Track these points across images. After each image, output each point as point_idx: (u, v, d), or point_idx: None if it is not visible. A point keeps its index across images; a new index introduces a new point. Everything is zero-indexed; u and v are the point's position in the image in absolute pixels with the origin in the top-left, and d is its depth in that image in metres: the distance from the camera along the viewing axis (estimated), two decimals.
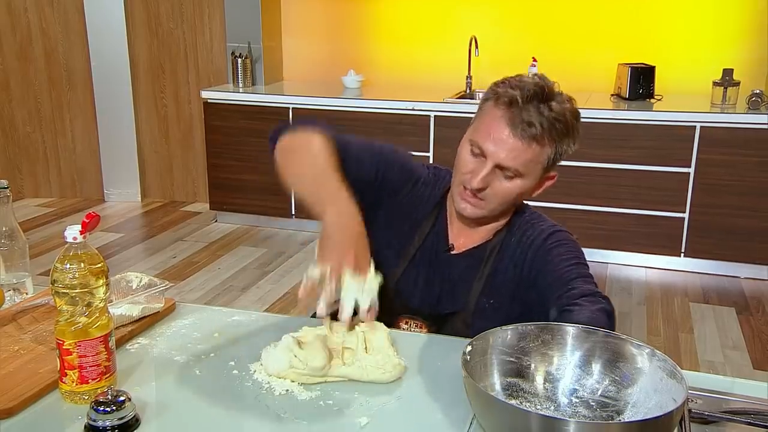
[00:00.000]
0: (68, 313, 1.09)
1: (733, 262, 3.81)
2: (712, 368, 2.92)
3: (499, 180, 1.37)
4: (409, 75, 4.55)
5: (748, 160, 3.62)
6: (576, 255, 1.41)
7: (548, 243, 1.42)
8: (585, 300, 1.27)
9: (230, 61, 4.57)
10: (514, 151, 1.33)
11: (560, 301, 1.30)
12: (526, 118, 1.32)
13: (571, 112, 1.37)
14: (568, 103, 1.38)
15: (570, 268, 1.37)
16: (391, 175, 1.51)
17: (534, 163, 1.36)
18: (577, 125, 1.39)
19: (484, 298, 1.46)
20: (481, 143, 1.35)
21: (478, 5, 4.41)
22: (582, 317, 1.20)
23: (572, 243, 1.44)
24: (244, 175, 4.44)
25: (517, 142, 1.33)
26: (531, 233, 1.45)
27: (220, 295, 3.58)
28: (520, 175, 1.36)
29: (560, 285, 1.34)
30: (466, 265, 1.48)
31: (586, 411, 1.10)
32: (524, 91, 1.33)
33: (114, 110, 4.96)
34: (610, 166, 3.80)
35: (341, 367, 1.19)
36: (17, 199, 4.95)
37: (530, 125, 1.32)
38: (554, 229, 1.46)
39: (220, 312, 1.49)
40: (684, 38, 4.14)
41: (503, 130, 1.33)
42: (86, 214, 1.12)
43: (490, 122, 1.35)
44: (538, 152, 1.35)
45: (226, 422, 1.09)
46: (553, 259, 1.39)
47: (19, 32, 4.87)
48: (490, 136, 1.34)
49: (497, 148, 1.34)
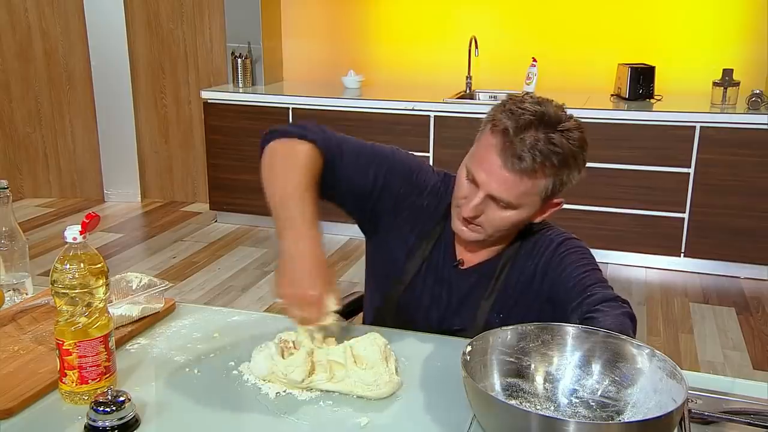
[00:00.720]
0: (68, 313, 1.09)
1: (733, 262, 3.81)
2: (712, 368, 2.92)
3: (493, 209, 1.31)
4: (408, 75, 4.55)
5: (748, 161, 3.62)
6: (589, 261, 1.37)
7: (560, 252, 1.38)
8: (606, 305, 1.24)
9: (230, 61, 4.57)
10: (505, 184, 1.27)
11: (581, 308, 1.26)
12: (517, 151, 1.24)
13: (575, 141, 1.27)
14: (575, 131, 1.28)
15: (586, 275, 1.33)
16: (393, 182, 1.44)
17: (528, 196, 1.29)
18: (581, 155, 1.29)
19: (494, 314, 1.42)
20: (474, 171, 1.30)
21: (478, 5, 4.41)
22: (607, 323, 1.17)
23: (583, 249, 1.41)
24: (244, 175, 4.43)
25: (507, 174, 1.26)
26: (541, 243, 1.41)
27: (220, 296, 3.58)
28: (514, 207, 1.30)
29: (578, 292, 1.30)
30: (474, 281, 1.44)
31: (586, 411, 1.10)
32: (519, 121, 1.24)
33: (114, 110, 4.96)
34: (609, 166, 3.80)
35: (326, 383, 1.16)
36: (17, 199, 4.95)
37: (521, 159, 1.24)
38: (563, 237, 1.42)
39: (220, 312, 1.49)
40: (684, 38, 4.14)
41: (495, 161, 1.26)
42: (86, 214, 1.12)
43: (485, 150, 1.28)
44: (531, 185, 1.27)
45: (226, 422, 1.09)
46: (566, 267, 1.36)
47: (19, 32, 4.87)
48: (482, 165, 1.28)
49: (489, 178, 1.28)
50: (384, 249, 1.51)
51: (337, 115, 4.17)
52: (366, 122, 4.12)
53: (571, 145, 1.26)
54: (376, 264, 1.55)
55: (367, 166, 1.42)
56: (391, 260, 1.49)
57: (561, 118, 1.27)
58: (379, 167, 1.43)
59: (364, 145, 1.44)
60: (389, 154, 1.46)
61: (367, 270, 1.58)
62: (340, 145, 1.40)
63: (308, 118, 4.22)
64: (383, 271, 1.52)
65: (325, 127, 1.42)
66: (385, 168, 1.43)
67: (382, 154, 1.45)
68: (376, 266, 1.55)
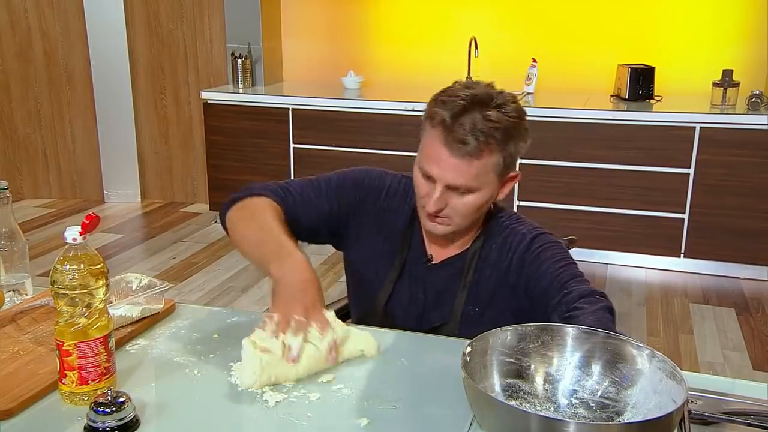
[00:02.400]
0: (68, 314, 1.09)
1: (733, 262, 3.81)
2: (712, 369, 2.92)
3: (455, 197, 1.34)
4: (408, 76, 4.54)
5: (747, 161, 3.63)
6: (563, 255, 1.39)
7: (533, 248, 1.40)
8: (584, 302, 1.26)
9: (230, 61, 4.57)
10: (457, 171, 1.30)
11: (560, 307, 1.29)
12: (459, 136, 1.27)
13: (512, 113, 1.31)
14: (510, 104, 1.31)
15: (561, 270, 1.35)
16: (346, 197, 1.51)
17: (483, 176, 1.32)
18: (522, 124, 1.33)
19: (469, 307, 1.44)
20: (426, 168, 1.34)
21: (478, 6, 4.41)
22: (588, 322, 1.19)
23: (557, 244, 1.42)
24: (244, 175, 4.43)
25: (456, 161, 1.29)
26: (512, 239, 1.43)
27: (220, 296, 3.58)
28: (474, 190, 1.33)
29: (556, 289, 1.32)
30: (447, 275, 1.47)
31: (585, 412, 1.10)
32: (453, 108, 1.28)
33: (114, 111, 4.96)
34: (609, 166, 3.80)
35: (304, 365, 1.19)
36: (17, 200, 4.95)
37: (465, 143, 1.27)
38: (536, 232, 1.43)
39: (220, 313, 1.50)
40: (684, 39, 4.14)
41: (442, 152, 1.30)
42: (86, 215, 1.11)
43: (430, 145, 1.33)
44: (483, 165, 1.31)
45: (226, 423, 1.09)
46: (542, 264, 1.38)
47: (19, 33, 4.87)
48: (432, 160, 1.32)
49: (441, 170, 1.31)
50: (359, 257, 1.55)
51: (337, 116, 4.18)
52: (366, 123, 4.13)
53: (509, 118, 1.30)
54: (355, 273, 1.59)
55: (317, 193, 1.50)
56: (366, 267, 1.53)
57: (492, 96, 1.31)
58: (327, 189, 1.51)
59: (309, 179, 1.53)
60: (332, 176, 1.54)
61: (347, 280, 1.62)
62: (287, 188, 1.49)
63: (308, 118, 4.23)
64: (362, 278, 1.56)
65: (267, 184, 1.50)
66: (334, 188, 1.51)
67: (326, 178, 1.53)
68: (355, 275, 1.59)
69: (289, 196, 1.48)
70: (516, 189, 3.92)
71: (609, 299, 1.30)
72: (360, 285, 1.57)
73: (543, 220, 1.51)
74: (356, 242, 1.54)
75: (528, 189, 3.89)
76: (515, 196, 3.94)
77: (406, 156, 4.03)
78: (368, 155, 4.15)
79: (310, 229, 1.51)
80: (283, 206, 1.46)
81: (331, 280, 3.76)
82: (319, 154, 4.27)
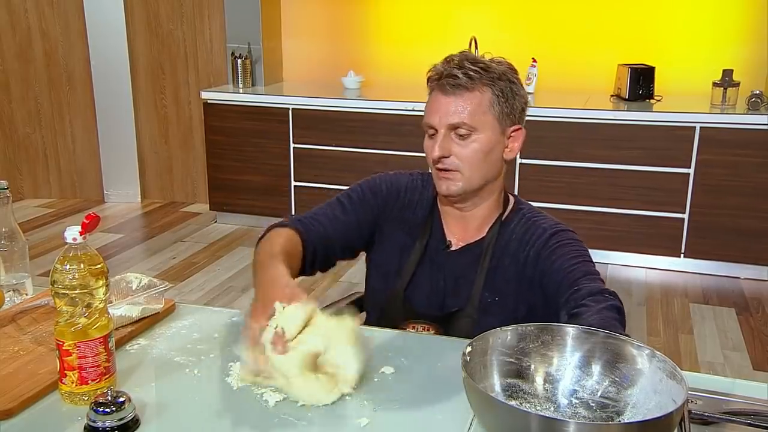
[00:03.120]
0: (68, 313, 1.09)
1: (733, 262, 3.80)
2: (712, 369, 2.92)
3: (458, 145, 1.40)
4: (409, 76, 4.54)
5: (748, 161, 3.62)
6: (580, 253, 1.40)
7: (551, 243, 1.42)
8: (591, 300, 1.27)
9: (230, 61, 4.57)
10: (453, 108, 1.38)
11: (568, 304, 1.30)
12: (449, 74, 1.38)
13: (500, 64, 1.43)
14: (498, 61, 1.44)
15: (575, 267, 1.36)
16: (369, 207, 1.55)
17: (479, 112, 1.39)
18: (512, 73, 1.43)
19: (486, 293, 1.46)
20: (428, 121, 1.43)
21: (478, 6, 4.41)
22: (591, 321, 1.19)
23: (576, 242, 1.43)
24: (244, 175, 4.44)
25: (450, 98, 1.39)
26: (533, 231, 1.45)
27: (220, 296, 3.58)
28: (473, 129, 1.39)
29: (567, 286, 1.33)
30: (465, 260, 1.49)
31: (586, 412, 1.10)
32: (448, 63, 1.40)
33: (114, 111, 4.96)
34: (609, 166, 3.80)
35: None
36: (17, 199, 4.95)
37: (454, 77, 1.37)
38: (557, 228, 1.45)
39: (220, 313, 1.50)
40: (684, 39, 4.14)
41: (439, 98, 1.41)
42: (86, 214, 1.11)
43: (429, 102, 1.44)
44: (477, 100, 1.38)
45: (226, 423, 1.09)
46: (557, 260, 1.39)
47: (19, 33, 4.87)
48: (431, 110, 1.42)
49: (438, 114, 1.40)
50: (383, 255, 1.58)
51: (337, 116, 4.17)
52: (366, 123, 4.13)
53: (497, 65, 1.42)
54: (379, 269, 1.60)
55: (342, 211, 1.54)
56: (390, 260, 1.55)
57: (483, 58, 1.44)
58: (351, 204, 1.55)
59: (330, 203, 1.57)
60: (350, 192, 1.59)
61: (367, 279, 1.64)
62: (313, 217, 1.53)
63: (308, 118, 4.22)
64: (386, 272, 1.57)
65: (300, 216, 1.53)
66: (356, 199, 1.56)
67: (345, 195, 1.58)
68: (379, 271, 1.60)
69: (315, 223, 1.51)
70: (516, 189, 3.92)
71: (619, 299, 1.30)
72: (383, 278, 1.59)
73: None
74: (381, 243, 1.58)
75: (528, 189, 3.89)
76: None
77: (407, 156, 4.03)
78: (369, 155, 4.15)
79: (346, 246, 1.56)
80: (307, 235, 1.48)
81: (330, 280, 3.76)
82: (320, 154, 4.27)
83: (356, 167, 4.13)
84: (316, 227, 1.50)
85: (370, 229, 1.56)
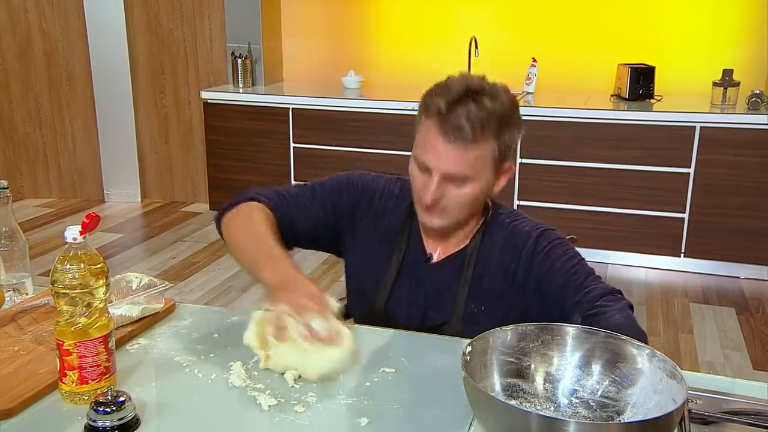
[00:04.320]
0: (68, 313, 1.09)
1: (733, 262, 3.80)
2: (712, 369, 2.92)
3: (451, 188, 1.35)
4: (409, 75, 4.54)
5: (748, 161, 3.62)
6: (573, 253, 1.40)
7: (540, 246, 1.40)
8: (607, 300, 1.28)
9: (230, 61, 4.57)
10: (453, 159, 1.31)
11: (581, 306, 1.30)
12: (455, 123, 1.29)
13: (506, 103, 1.33)
14: (503, 94, 1.34)
15: (575, 269, 1.36)
16: (339, 200, 1.52)
17: (479, 163, 1.33)
18: (515, 113, 1.36)
19: (472, 305, 1.44)
20: (422, 158, 1.35)
21: (478, 6, 4.41)
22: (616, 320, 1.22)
23: (563, 241, 1.43)
24: (244, 175, 4.44)
25: (453, 149, 1.30)
26: (516, 237, 1.43)
27: (220, 296, 3.58)
28: (470, 179, 1.34)
29: (574, 289, 1.33)
30: (447, 273, 1.46)
31: (586, 411, 1.10)
32: (449, 97, 1.30)
33: (114, 110, 4.96)
34: (609, 166, 3.80)
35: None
36: (17, 199, 4.95)
37: (461, 129, 1.29)
38: (540, 229, 1.44)
39: (220, 312, 1.50)
40: (684, 39, 4.14)
41: (438, 141, 1.31)
42: (86, 214, 1.11)
43: (426, 135, 1.34)
44: (479, 152, 1.32)
45: (226, 422, 1.09)
46: (553, 263, 1.38)
47: (19, 32, 4.87)
48: (428, 150, 1.33)
49: (437, 160, 1.32)
50: (357, 262, 1.56)
51: (337, 116, 4.17)
52: (366, 122, 4.13)
53: (503, 106, 1.32)
54: (355, 277, 1.59)
55: (312, 197, 1.52)
56: (365, 270, 1.53)
57: (485, 87, 1.33)
58: (322, 195, 1.52)
59: (304, 186, 1.54)
60: (326, 180, 1.56)
61: (347, 286, 1.62)
62: (281, 194, 1.51)
63: (308, 118, 4.22)
64: (362, 281, 1.55)
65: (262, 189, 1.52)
66: (327, 189, 1.53)
67: (320, 183, 1.55)
68: (355, 279, 1.59)
69: (284, 202, 1.49)
70: (516, 188, 3.92)
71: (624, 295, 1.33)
72: (360, 288, 1.56)
73: (543, 220, 1.50)
74: (353, 248, 1.54)
75: (528, 189, 3.89)
76: (515, 195, 3.94)
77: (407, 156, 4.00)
78: (369, 155, 4.15)
79: (309, 236, 1.53)
80: (277, 212, 1.47)
81: (331, 279, 3.76)
82: (320, 153, 4.27)
83: (356, 167, 4.10)
84: (285, 206, 1.49)
85: (336, 226, 1.53)
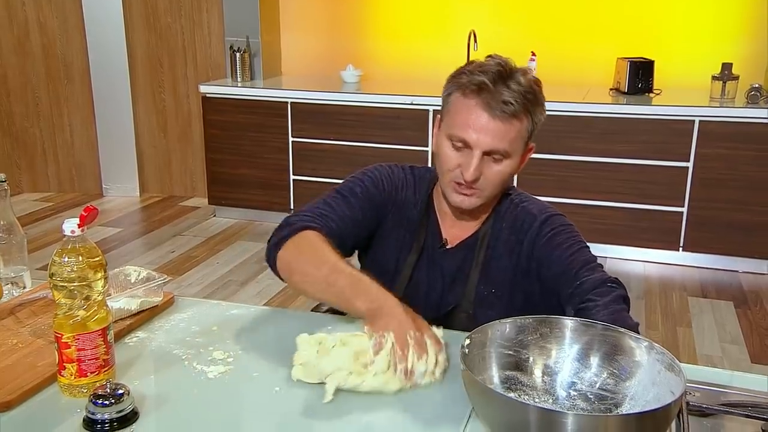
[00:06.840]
0: (66, 306, 1.09)
1: (732, 256, 3.81)
2: (710, 362, 2.92)
3: (489, 166, 1.37)
4: (407, 70, 4.54)
5: (747, 155, 3.62)
6: (575, 240, 1.40)
7: (544, 231, 1.42)
8: (596, 294, 1.27)
9: (229, 55, 4.56)
10: (498, 134, 1.34)
11: (573, 299, 1.30)
12: (501, 98, 1.32)
13: (534, 81, 1.38)
14: (529, 73, 1.39)
15: (573, 257, 1.36)
16: (372, 201, 1.51)
17: (518, 140, 1.37)
18: (541, 93, 1.40)
19: (482, 287, 1.46)
20: (462, 135, 1.35)
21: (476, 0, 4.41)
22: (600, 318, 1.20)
23: (568, 227, 1.44)
24: (243, 169, 4.44)
25: (498, 123, 1.33)
26: (523, 219, 1.45)
27: (219, 290, 3.58)
28: (508, 156, 1.37)
29: (568, 279, 1.33)
30: (461, 257, 1.49)
31: (584, 404, 1.10)
32: (489, 75, 1.33)
33: (112, 105, 4.95)
34: (608, 160, 3.80)
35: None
36: (15, 193, 4.94)
37: (507, 104, 1.32)
38: (547, 213, 1.45)
39: (219, 306, 1.50)
40: (683, 32, 4.13)
41: (481, 117, 1.33)
42: (84, 207, 1.11)
43: (466, 113, 1.35)
44: (519, 128, 1.36)
45: (225, 416, 1.09)
46: (554, 250, 1.39)
47: (17, 26, 4.86)
48: (470, 126, 1.34)
49: (481, 135, 1.34)
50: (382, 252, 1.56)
51: (336, 110, 4.17)
52: (364, 117, 4.12)
53: (534, 84, 1.37)
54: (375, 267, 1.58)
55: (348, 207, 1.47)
56: (388, 259, 1.54)
57: (516, 67, 1.39)
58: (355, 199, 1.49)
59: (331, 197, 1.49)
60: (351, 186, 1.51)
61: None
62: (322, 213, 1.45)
63: (307, 112, 4.22)
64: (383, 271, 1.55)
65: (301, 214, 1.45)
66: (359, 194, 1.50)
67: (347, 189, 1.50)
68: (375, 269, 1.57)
69: (330, 222, 1.44)
70: (516, 182, 3.91)
71: (622, 285, 1.31)
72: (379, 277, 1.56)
73: None
74: (381, 240, 1.55)
75: (526, 182, 3.89)
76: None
77: (405, 150, 4.03)
78: (367, 149, 4.14)
79: (355, 244, 1.53)
80: (330, 234, 1.42)
81: None
82: (318, 147, 4.26)
83: (355, 161, 4.13)
84: (331, 226, 1.44)
85: (373, 224, 1.53)
